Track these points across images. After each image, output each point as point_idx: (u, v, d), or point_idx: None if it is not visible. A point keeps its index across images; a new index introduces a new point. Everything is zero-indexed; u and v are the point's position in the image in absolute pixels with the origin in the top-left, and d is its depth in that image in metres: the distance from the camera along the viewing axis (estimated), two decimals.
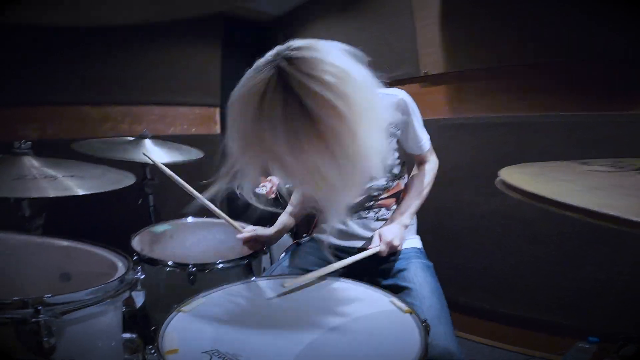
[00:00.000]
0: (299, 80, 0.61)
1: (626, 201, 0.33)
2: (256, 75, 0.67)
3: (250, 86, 0.66)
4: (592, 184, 0.39)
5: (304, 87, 0.61)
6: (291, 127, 0.61)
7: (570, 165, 0.51)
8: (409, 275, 1.02)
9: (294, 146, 0.62)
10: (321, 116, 0.61)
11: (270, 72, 0.64)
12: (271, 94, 0.62)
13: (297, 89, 0.61)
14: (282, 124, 0.62)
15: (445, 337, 0.84)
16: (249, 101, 0.65)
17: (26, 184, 1.01)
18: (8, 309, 0.56)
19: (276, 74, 0.63)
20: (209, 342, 0.66)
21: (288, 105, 0.61)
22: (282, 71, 0.63)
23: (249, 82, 0.67)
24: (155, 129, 2.42)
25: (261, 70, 0.67)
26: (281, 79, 0.62)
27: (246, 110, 0.66)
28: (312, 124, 0.61)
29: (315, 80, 0.61)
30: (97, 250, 0.88)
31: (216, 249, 1.53)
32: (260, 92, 0.63)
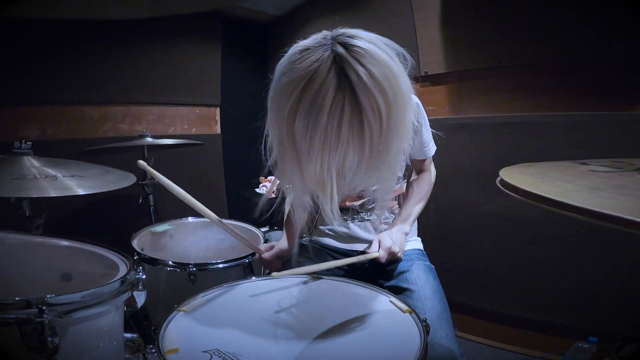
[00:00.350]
0: (354, 68, 0.59)
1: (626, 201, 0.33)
2: (306, 55, 0.63)
3: (302, 66, 0.62)
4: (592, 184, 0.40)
5: (359, 76, 0.59)
6: (335, 112, 0.59)
7: (569, 166, 0.51)
8: (411, 277, 1.01)
9: (331, 132, 0.60)
10: (366, 108, 0.59)
11: (325, 54, 0.61)
12: (324, 76, 0.59)
13: (352, 76, 0.59)
14: (328, 108, 0.59)
15: (446, 339, 0.84)
16: (298, 80, 0.61)
17: (26, 183, 1.01)
18: (11, 308, 0.55)
19: (332, 56, 0.61)
20: (210, 341, 0.66)
21: (339, 90, 0.59)
22: (338, 56, 0.60)
23: (298, 62, 0.63)
24: (155, 128, 2.42)
25: (312, 51, 0.63)
26: (337, 63, 0.60)
27: (292, 90, 0.62)
28: (357, 114, 0.60)
29: (368, 71, 0.59)
30: (97, 250, 0.88)
31: (216, 248, 1.53)
32: (312, 71, 0.60)
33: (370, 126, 0.60)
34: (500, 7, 1.56)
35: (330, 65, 0.60)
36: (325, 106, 0.58)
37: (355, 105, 0.59)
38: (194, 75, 2.56)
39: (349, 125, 0.59)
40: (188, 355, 0.62)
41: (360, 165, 0.63)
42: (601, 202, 0.32)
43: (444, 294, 0.98)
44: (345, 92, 0.59)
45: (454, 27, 1.72)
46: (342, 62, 0.59)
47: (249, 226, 1.58)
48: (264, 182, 2.29)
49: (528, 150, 1.54)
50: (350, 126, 0.60)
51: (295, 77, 0.61)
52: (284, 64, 0.66)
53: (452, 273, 1.80)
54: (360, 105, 0.59)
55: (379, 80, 0.59)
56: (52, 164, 1.15)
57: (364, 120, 0.60)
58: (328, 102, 0.58)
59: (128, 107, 2.32)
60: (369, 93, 0.59)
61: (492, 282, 1.72)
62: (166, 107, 2.48)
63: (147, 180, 1.83)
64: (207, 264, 1.20)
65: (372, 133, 0.61)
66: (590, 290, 1.47)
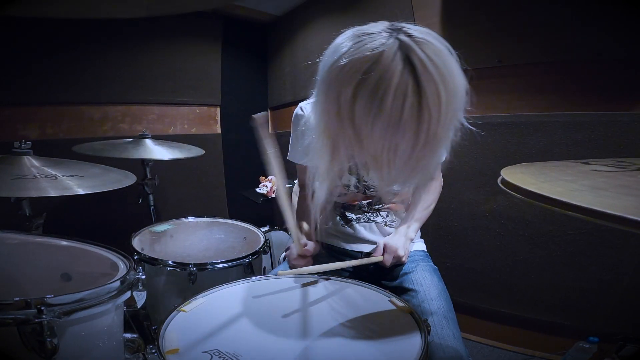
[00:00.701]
0: (419, 56, 0.61)
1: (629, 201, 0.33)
2: (370, 39, 0.64)
3: (367, 48, 0.62)
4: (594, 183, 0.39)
5: (422, 63, 0.60)
6: (399, 95, 0.60)
7: (571, 165, 0.51)
8: (416, 278, 1.01)
9: (393, 114, 0.61)
10: (427, 94, 0.61)
11: (390, 40, 0.62)
12: (390, 60, 0.61)
13: (417, 63, 0.60)
14: (393, 91, 0.60)
15: (453, 339, 0.84)
16: (362, 61, 0.62)
17: (26, 183, 1.01)
18: (10, 309, 0.55)
19: (397, 43, 0.62)
20: (210, 341, 0.66)
21: (403, 75, 0.60)
22: (403, 44, 0.62)
23: (361, 45, 0.64)
24: (155, 128, 2.42)
25: (375, 35, 0.64)
26: (401, 49, 0.61)
27: (356, 70, 0.62)
28: (418, 99, 0.61)
29: (431, 60, 0.61)
30: (97, 250, 0.88)
31: (216, 248, 1.53)
32: (377, 55, 0.61)
33: (429, 112, 0.62)
34: (500, 7, 1.56)
35: (396, 51, 0.61)
36: (391, 89, 0.60)
37: (418, 91, 0.61)
38: (194, 75, 2.56)
39: (410, 109, 0.61)
40: (188, 355, 0.62)
41: (413, 150, 0.65)
42: (604, 202, 0.32)
43: (449, 295, 0.98)
44: (409, 77, 0.60)
45: (454, 26, 1.72)
46: (407, 49, 0.61)
47: (249, 226, 1.58)
48: (264, 181, 2.29)
49: (528, 150, 1.54)
50: (411, 110, 0.61)
51: (359, 57, 0.62)
52: (343, 46, 0.66)
53: (452, 273, 1.79)
54: (422, 91, 0.61)
55: (440, 69, 0.61)
56: (52, 164, 1.15)
57: (424, 106, 0.61)
58: (393, 85, 0.60)
59: (128, 107, 2.32)
60: (431, 80, 0.61)
61: (492, 282, 1.72)
62: (166, 106, 2.48)
63: (147, 180, 1.83)
64: (207, 264, 1.20)
65: (430, 119, 0.62)
66: (591, 290, 1.47)
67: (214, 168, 2.73)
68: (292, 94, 2.73)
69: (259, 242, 1.41)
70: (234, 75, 2.75)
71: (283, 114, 2.92)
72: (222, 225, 1.64)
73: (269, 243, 1.41)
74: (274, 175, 0.86)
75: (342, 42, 0.67)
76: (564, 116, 1.47)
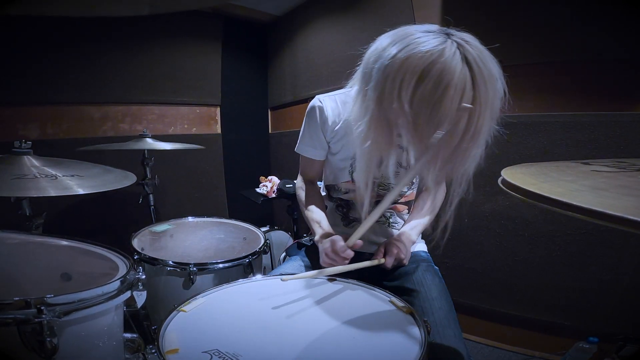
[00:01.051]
0: (474, 58, 0.68)
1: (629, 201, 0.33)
2: (429, 37, 0.70)
3: (429, 43, 0.69)
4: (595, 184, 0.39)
5: (477, 65, 0.67)
6: (458, 90, 0.66)
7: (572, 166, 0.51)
8: (417, 278, 1.01)
9: (452, 107, 0.67)
10: (480, 94, 0.67)
11: (448, 41, 0.69)
12: (451, 57, 0.67)
13: (473, 64, 0.67)
14: (454, 84, 0.66)
15: (455, 339, 0.84)
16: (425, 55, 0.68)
17: (26, 183, 1.01)
18: (10, 309, 0.55)
19: (455, 44, 0.68)
20: (210, 341, 0.65)
21: (462, 72, 0.67)
22: (460, 45, 0.68)
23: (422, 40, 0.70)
24: (156, 128, 2.42)
25: (435, 34, 0.71)
26: (460, 51, 0.68)
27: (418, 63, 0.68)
28: (473, 97, 0.67)
29: (485, 64, 0.68)
30: (97, 249, 0.88)
31: (216, 248, 1.53)
32: (440, 51, 0.67)
33: (480, 107, 0.68)
34: (500, 7, 1.56)
35: (455, 50, 0.68)
36: (453, 82, 0.66)
37: (473, 87, 0.67)
38: (195, 74, 2.56)
39: (467, 103, 0.67)
40: (188, 355, 0.62)
41: (462, 141, 0.71)
42: (604, 202, 0.32)
43: (450, 295, 0.98)
44: (467, 74, 0.67)
45: (454, 27, 1.72)
46: (464, 50, 0.68)
47: (249, 226, 1.58)
48: (264, 181, 2.29)
49: (529, 150, 1.54)
50: (467, 104, 0.67)
51: (422, 51, 0.68)
52: (401, 41, 0.72)
53: (453, 273, 1.79)
54: (477, 88, 0.68)
55: (491, 73, 0.69)
56: (52, 164, 1.15)
57: (476, 102, 0.68)
58: (455, 79, 0.66)
59: (128, 107, 2.32)
60: (482, 79, 0.68)
61: (492, 282, 1.72)
62: (166, 106, 2.48)
63: (147, 180, 1.83)
64: (207, 264, 1.20)
65: (480, 114, 0.69)
66: (591, 290, 1.47)
67: (214, 168, 2.73)
68: (292, 93, 2.73)
69: (259, 242, 1.41)
70: (234, 75, 2.75)
71: (283, 114, 2.92)
72: (222, 225, 1.64)
73: (268, 243, 1.41)
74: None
75: (393, 41, 0.73)
76: (564, 116, 1.47)
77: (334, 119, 1.05)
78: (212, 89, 2.65)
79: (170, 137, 2.47)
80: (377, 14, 2.02)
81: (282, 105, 2.89)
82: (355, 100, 0.84)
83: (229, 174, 2.79)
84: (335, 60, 2.28)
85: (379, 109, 0.75)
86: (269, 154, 3.06)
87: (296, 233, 2.13)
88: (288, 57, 2.74)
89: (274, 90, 2.97)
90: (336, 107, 1.06)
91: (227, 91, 2.71)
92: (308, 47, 2.52)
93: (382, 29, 0.80)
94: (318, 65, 2.43)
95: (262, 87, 3.00)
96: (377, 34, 0.80)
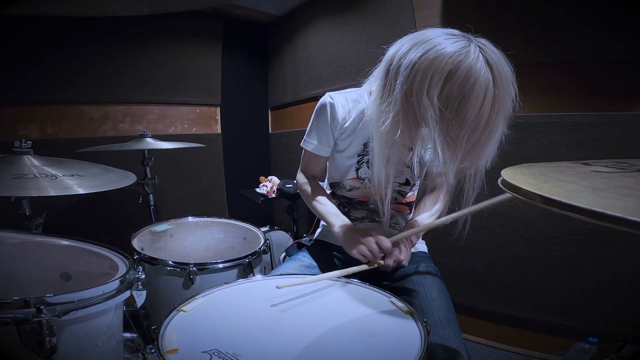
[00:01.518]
0: (494, 60, 0.74)
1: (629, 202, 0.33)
2: (454, 39, 0.76)
3: (455, 45, 0.74)
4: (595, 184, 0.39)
5: (497, 66, 0.74)
6: (481, 89, 0.72)
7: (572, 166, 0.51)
8: (417, 279, 1.01)
9: (475, 104, 0.72)
10: (500, 95, 0.73)
11: (471, 44, 0.75)
12: (475, 59, 0.72)
13: (494, 67, 0.73)
14: (479, 83, 0.72)
15: (454, 339, 0.84)
16: (453, 55, 0.73)
17: (26, 183, 1.01)
18: (9, 308, 0.55)
19: (477, 47, 0.74)
20: (209, 341, 0.65)
21: (485, 73, 0.72)
22: (481, 48, 0.75)
23: (448, 42, 0.75)
24: (156, 128, 2.42)
25: (458, 38, 0.76)
26: (482, 54, 0.74)
27: (446, 62, 0.73)
28: (494, 96, 0.73)
29: (502, 68, 0.75)
30: (97, 249, 0.88)
31: (216, 248, 1.53)
32: (465, 52, 0.73)
33: (499, 106, 0.74)
34: (500, 8, 1.56)
35: (478, 53, 0.74)
36: (478, 81, 0.72)
37: (494, 87, 0.73)
38: (195, 74, 2.56)
39: (488, 104, 0.73)
40: (188, 355, 0.62)
41: (482, 135, 0.76)
42: (604, 203, 0.32)
43: (449, 296, 0.98)
44: (489, 75, 0.73)
45: (454, 27, 1.72)
46: (486, 54, 0.74)
47: (249, 226, 1.58)
48: (264, 181, 2.29)
49: (528, 151, 1.54)
50: (488, 105, 0.73)
51: (448, 53, 0.74)
52: (426, 42, 0.77)
53: (452, 273, 1.79)
54: (498, 88, 0.73)
55: (507, 74, 0.75)
56: (52, 163, 1.15)
57: (495, 104, 0.74)
58: (480, 79, 0.72)
59: (128, 107, 2.32)
60: (502, 83, 0.74)
61: (492, 282, 1.72)
62: (167, 106, 2.48)
63: (147, 180, 1.83)
64: (207, 264, 1.20)
65: (498, 113, 0.75)
66: (591, 291, 1.47)
67: (214, 168, 2.73)
68: (292, 94, 2.73)
69: (258, 242, 1.41)
70: (235, 75, 2.75)
71: (283, 114, 2.92)
72: (222, 225, 1.64)
73: (268, 243, 1.41)
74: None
75: (416, 44, 0.78)
76: (564, 117, 1.47)
77: (344, 116, 1.06)
78: (212, 89, 2.65)
79: (170, 137, 2.47)
80: (377, 15, 2.02)
81: (282, 105, 2.89)
82: (377, 97, 0.87)
83: (229, 174, 2.79)
84: (335, 60, 2.28)
85: (407, 103, 0.78)
86: (269, 154, 3.06)
87: (296, 233, 2.13)
88: (288, 57, 2.74)
89: (274, 90, 2.97)
90: (346, 104, 1.07)
91: (227, 91, 2.71)
92: (308, 47, 2.52)
93: (383, 30, 0.81)
94: (318, 65, 2.43)
95: (262, 87, 3.00)
96: (378, 34, 0.82)
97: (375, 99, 0.87)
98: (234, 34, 2.71)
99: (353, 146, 1.08)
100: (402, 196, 1.13)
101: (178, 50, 2.46)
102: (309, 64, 2.52)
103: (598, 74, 1.42)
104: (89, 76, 2.14)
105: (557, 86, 1.50)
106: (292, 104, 2.77)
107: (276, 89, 2.94)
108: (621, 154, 1.36)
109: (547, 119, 1.51)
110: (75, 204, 2.12)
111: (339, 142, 1.10)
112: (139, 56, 2.31)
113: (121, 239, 1.35)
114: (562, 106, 1.48)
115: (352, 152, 1.09)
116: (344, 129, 1.07)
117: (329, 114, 1.06)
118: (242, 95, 2.85)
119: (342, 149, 1.10)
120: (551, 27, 1.47)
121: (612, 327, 1.40)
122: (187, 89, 2.54)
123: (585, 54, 1.41)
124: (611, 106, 1.39)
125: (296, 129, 2.71)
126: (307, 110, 2.46)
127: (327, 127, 1.07)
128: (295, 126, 2.73)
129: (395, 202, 1.13)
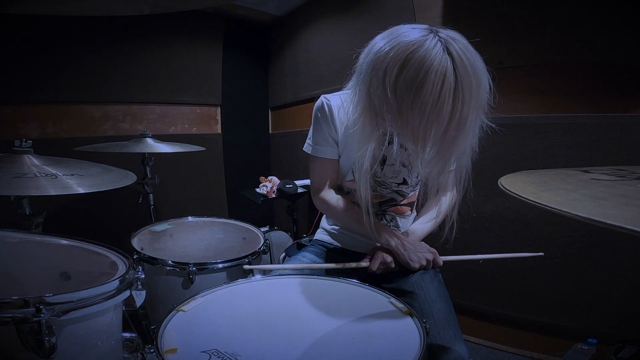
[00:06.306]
0: (456, 49, 0.71)
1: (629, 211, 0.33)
2: (413, 31, 0.74)
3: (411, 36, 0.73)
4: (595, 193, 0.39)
5: (459, 55, 0.71)
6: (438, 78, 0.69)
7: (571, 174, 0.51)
8: (416, 280, 1.01)
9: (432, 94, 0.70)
10: (462, 82, 0.70)
11: (430, 34, 0.73)
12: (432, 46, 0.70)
13: (455, 54, 0.70)
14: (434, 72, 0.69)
15: (455, 340, 0.84)
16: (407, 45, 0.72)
17: (26, 182, 1.00)
18: (9, 307, 0.55)
19: (436, 37, 0.72)
20: (209, 341, 0.66)
21: (443, 61, 0.70)
22: (442, 37, 0.72)
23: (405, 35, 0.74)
24: (156, 128, 2.42)
25: (418, 30, 0.74)
26: (442, 42, 0.72)
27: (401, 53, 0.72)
28: (453, 85, 0.70)
29: (466, 54, 0.72)
30: (97, 249, 0.88)
31: (216, 248, 1.53)
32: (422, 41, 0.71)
33: (463, 95, 0.71)
34: (500, 9, 1.56)
35: (437, 42, 0.72)
36: (432, 69, 0.69)
37: (454, 75, 0.70)
38: (195, 74, 2.56)
39: (448, 90, 0.70)
40: (187, 355, 0.62)
41: (447, 128, 0.73)
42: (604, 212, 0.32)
43: (449, 297, 0.98)
44: (448, 62, 0.70)
45: (455, 28, 1.72)
46: (445, 42, 0.72)
47: (249, 226, 1.58)
48: (264, 181, 2.29)
49: (528, 152, 1.54)
50: (448, 93, 0.70)
51: (404, 42, 0.72)
52: (387, 39, 0.76)
53: (452, 274, 1.79)
54: (458, 75, 0.70)
55: (471, 61, 0.72)
56: (52, 163, 1.15)
57: (459, 89, 0.70)
58: (435, 67, 0.69)
59: (129, 106, 2.32)
60: (465, 68, 0.71)
61: (492, 283, 1.72)
62: (167, 106, 2.48)
63: (147, 179, 1.83)
64: (207, 264, 1.20)
65: (463, 102, 0.71)
66: (590, 292, 1.47)
67: (214, 168, 2.73)
68: (292, 94, 2.73)
69: (258, 242, 1.41)
70: (235, 75, 2.75)
71: (284, 114, 2.92)
72: (222, 225, 1.64)
73: (268, 243, 1.41)
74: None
75: (383, 37, 0.78)
76: (564, 118, 1.47)
77: (341, 117, 1.06)
78: (212, 89, 2.65)
79: (170, 136, 2.47)
80: (378, 15, 2.02)
81: (282, 105, 2.89)
82: (351, 96, 0.89)
83: (229, 174, 2.79)
84: (336, 60, 2.29)
85: (368, 99, 0.79)
86: (269, 154, 3.06)
87: (296, 233, 2.13)
88: (289, 57, 2.74)
89: (274, 91, 2.97)
90: (341, 105, 1.07)
91: (227, 91, 2.71)
92: (309, 47, 2.52)
93: (383, 30, 0.81)
94: (319, 66, 2.43)
95: (262, 87, 3.00)
96: (378, 33, 0.82)
97: (351, 99, 0.90)
98: (234, 34, 2.71)
99: (349, 148, 1.07)
100: (402, 197, 1.12)
101: (179, 50, 2.47)
102: (310, 64, 2.52)
103: (598, 76, 1.42)
104: (89, 76, 2.14)
105: (557, 87, 1.51)
106: (292, 104, 2.77)
107: (276, 89, 2.94)
108: (621, 156, 1.36)
109: (546, 120, 1.51)
110: (75, 204, 2.12)
111: (339, 143, 1.10)
112: (140, 56, 2.31)
113: (121, 238, 1.35)
114: (563, 108, 1.49)
115: (349, 153, 1.08)
116: (343, 129, 1.07)
117: (328, 115, 1.06)
118: (242, 95, 2.85)
119: (341, 150, 1.10)
120: (551, 28, 1.47)
121: (611, 328, 1.40)
122: (188, 88, 2.54)
123: (585, 55, 1.41)
124: (611, 108, 1.39)
125: (296, 129, 2.71)
126: (307, 111, 2.46)
127: (329, 127, 1.07)
128: (296, 126, 2.73)
129: (395, 204, 1.12)
